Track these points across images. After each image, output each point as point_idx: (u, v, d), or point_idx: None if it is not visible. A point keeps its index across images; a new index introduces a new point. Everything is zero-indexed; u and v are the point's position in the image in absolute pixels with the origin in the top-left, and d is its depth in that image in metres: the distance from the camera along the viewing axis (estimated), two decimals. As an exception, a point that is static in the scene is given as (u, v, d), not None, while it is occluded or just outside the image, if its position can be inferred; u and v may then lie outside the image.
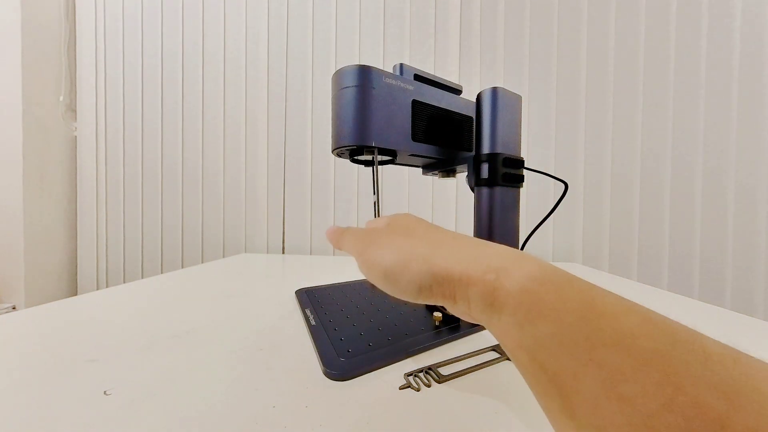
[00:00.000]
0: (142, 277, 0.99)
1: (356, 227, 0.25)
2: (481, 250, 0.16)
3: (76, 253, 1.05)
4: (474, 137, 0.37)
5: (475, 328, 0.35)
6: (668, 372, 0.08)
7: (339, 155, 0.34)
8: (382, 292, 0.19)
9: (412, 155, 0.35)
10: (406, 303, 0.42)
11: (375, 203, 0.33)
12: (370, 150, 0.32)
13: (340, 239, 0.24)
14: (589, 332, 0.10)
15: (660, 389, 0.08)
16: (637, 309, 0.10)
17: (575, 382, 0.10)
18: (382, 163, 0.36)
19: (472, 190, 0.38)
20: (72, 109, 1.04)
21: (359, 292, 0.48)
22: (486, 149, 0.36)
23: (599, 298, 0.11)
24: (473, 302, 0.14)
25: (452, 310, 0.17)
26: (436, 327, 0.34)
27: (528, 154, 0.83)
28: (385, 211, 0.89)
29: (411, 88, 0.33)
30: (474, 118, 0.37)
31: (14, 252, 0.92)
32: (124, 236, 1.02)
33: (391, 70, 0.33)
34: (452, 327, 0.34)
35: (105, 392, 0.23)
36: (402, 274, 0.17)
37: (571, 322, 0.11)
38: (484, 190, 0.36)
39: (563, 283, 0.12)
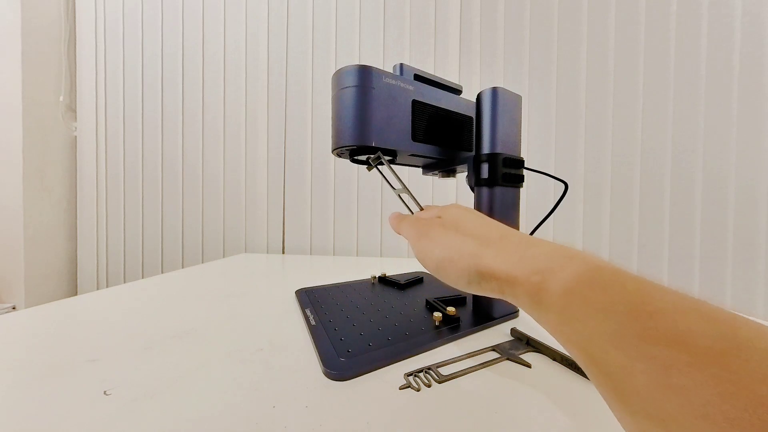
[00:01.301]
0: (142, 277, 0.99)
1: (414, 216, 0.28)
2: (526, 251, 0.17)
3: (76, 253, 1.05)
4: (474, 137, 0.37)
5: (475, 328, 0.35)
6: (725, 367, 0.09)
7: (339, 155, 0.34)
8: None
9: (412, 155, 0.35)
10: (406, 303, 0.42)
11: (399, 196, 0.34)
12: (374, 154, 0.32)
13: (399, 225, 0.28)
14: (640, 330, 0.11)
15: (716, 382, 0.09)
16: (697, 308, 0.11)
17: (626, 374, 0.11)
18: (382, 163, 0.36)
19: (472, 190, 0.38)
20: (72, 109, 1.04)
21: (359, 292, 0.48)
22: (486, 149, 0.36)
23: (653, 298, 0.12)
24: (520, 299, 0.16)
25: (504, 299, 0.18)
26: (436, 327, 0.34)
27: (528, 154, 0.83)
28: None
29: (411, 88, 0.33)
30: (474, 118, 0.37)
31: (14, 252, 0.92)
32: (124, 236, 1.02)
33: (391, 70, 0.33)
34: (452, 327, 0.34)
35: (105, 392, 0.23)
36: (451, 269, 0.19)
37: (621, 321, 0.11)
38: (484, 190, 0.36)
39: (612, 284, 0.13)
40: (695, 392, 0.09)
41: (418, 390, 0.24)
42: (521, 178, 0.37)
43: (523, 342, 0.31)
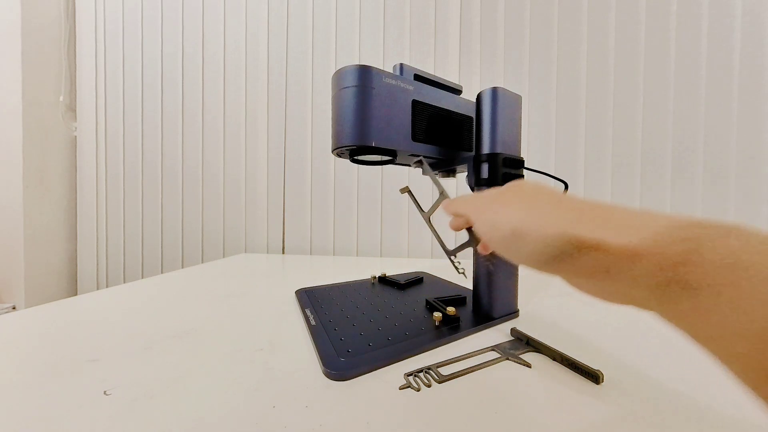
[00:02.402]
0: (142, 277, 0.99)
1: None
2: (646, 220, 0.13)
3: (76, 253, 1.05)
4: (474, 137, 0.37)
5: (475, 328, 0.35)
6: None
7: (339, 155, 0.34)
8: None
9: (412, 155, 0.35)
10: (406, 303, 0.42)
11: (428, 221, 0.32)
12: (376, 154, 0.32)
13: (452, 204, 0.26)
14: None
15: None
16: None
17: None
18: (382, 163, 0.36)
19: (472, 189, 0.38)
20: (72, 109, 1.04)
21: (359, 292, 0.48)
22: (486, 149, 0.36)
23: None
24: (639, 279, 0.12)
25: (585, 287, 0.14)
26: (436, 327, 0.34)
27: (528, 154, 0.83)
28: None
29: (411, 88, 0.33)
30: (474, 118, 0.37)
31: (14, 252, 0.92)
32: (124, 236, 1.02)
33: (391, 70, 0.33)
34: (452, 327, 0.34)
35: (105, 392, 0.23)
36: (532, 235, 0.15)
37: None
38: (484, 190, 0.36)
39: None
40: None
41: (418, 390, 0.24)
42: (521, 178, 0.37)
43: (523, 342, 0.31)
